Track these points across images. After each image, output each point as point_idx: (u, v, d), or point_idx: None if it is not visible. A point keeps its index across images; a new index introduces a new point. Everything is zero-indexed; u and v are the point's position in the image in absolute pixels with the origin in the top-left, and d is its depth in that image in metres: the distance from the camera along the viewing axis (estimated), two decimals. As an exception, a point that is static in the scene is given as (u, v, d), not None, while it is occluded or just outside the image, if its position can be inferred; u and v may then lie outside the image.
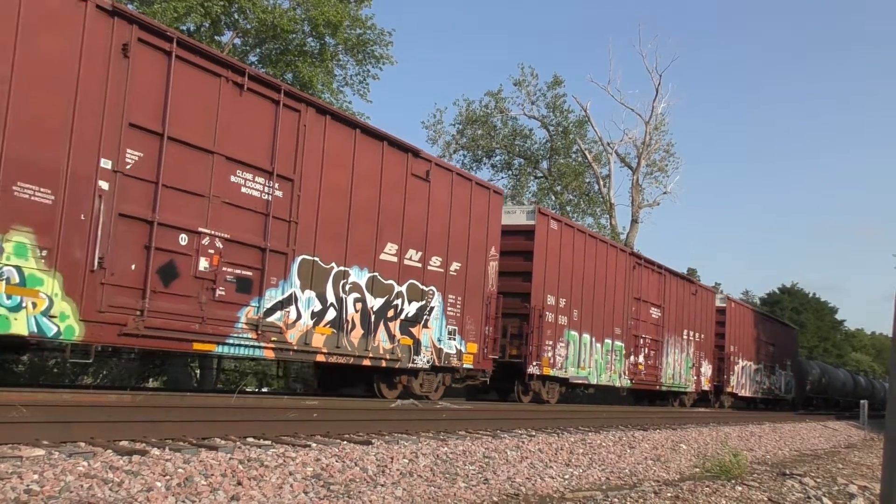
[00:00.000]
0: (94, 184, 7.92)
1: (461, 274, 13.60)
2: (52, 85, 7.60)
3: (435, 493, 6.29)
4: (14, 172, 7.24)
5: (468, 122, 35.01)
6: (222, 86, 9.30)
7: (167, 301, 8.65)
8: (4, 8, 7.04)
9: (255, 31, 19.75)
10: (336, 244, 10.96)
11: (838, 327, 72.71)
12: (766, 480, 8.94)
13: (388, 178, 11.86)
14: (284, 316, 10.09)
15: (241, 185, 9.56)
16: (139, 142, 8.39)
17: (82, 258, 7.83)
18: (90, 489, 4.61)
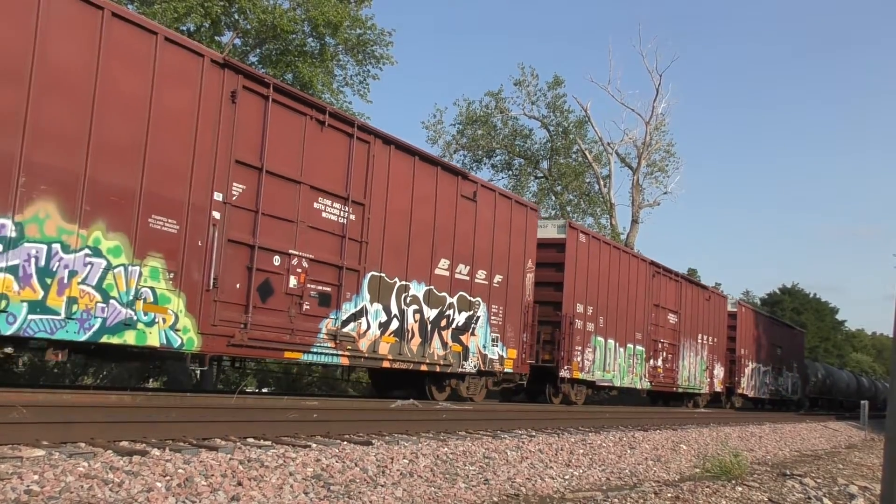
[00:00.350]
0: (208, 214, 9.22)
1: (503, 286, 14.91)
2: (176, 130, 8.86)
3: (435, 493, 6.29)
4: (149, 207, 8.55)
5: (468, 122, 35.01)
6: (307, 123, 10.59)
7: (264, 315, 9.88)
8: (142, 69, 8.52)
9: (255, 31, 19.74)
10: (398, 261, 12.23)
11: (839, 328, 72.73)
12: (767, 481, 8.94)
13: (442, 199, 13.19)
14: (357, 327, 11.38)
15: (322, 211, 10.87)
16: (243, 176, 9.68)
17: (200, 279, 9.08)
18: (90, 489, 4.61)
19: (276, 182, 10.08)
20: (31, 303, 7.45)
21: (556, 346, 16.68)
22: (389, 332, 12.04)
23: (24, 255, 7.50)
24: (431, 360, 12.97)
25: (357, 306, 11.37)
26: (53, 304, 7.65)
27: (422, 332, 12.76)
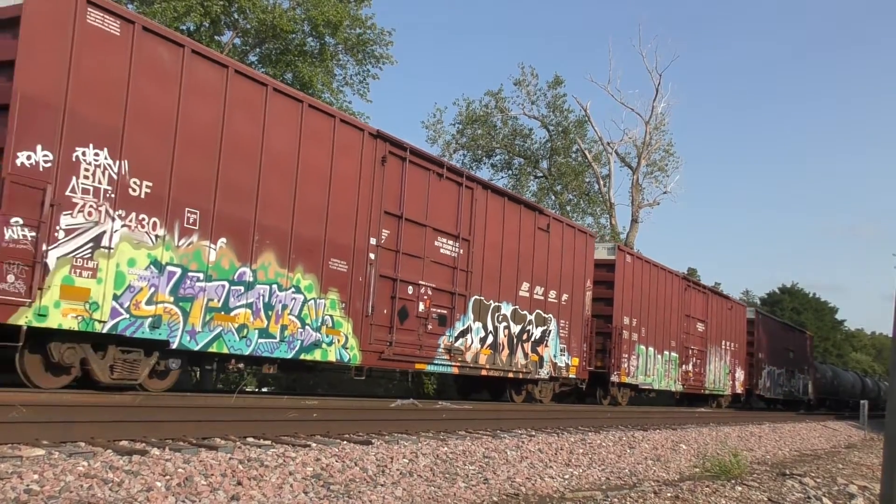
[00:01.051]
0: (366, 255, 11.64)
1: (569, 303, 17.36)
2: (346, 190, 11.29)
3: (435, 493, 6.29)
4: (330, 252, 10.96)
5: (468, 122, 34.98)
6: (430, 176, 13.08)
7: (402, 334, 12.35)
8: (325, 146, 10.91)
9: (254, 30, 19.73)
10: (493, 286, 14.69)
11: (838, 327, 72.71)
12: (766, 480, 8.94)
13: (524, 232, 15.62)
14: (464, 342, 13.82)
15: (440, 248, 13.36)
16: (388, 223, 12.12)
17: (361, 307, 11.51)
18: (90, 489, 4.61)
19: (410, 226, 12.53)
20: (260, 330, 9.93)
21: (608, 354, 19.11)
22: (486, 346, 14.51)
23: (256, 294, 9.91)
24: (516, 368, 15.38)
25: (464, 325, 13.88)
26: (273, 330, 10.13)
27: (509, 344, 15.19)
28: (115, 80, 8.37)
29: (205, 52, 9.51)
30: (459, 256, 13.67)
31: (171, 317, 8.90)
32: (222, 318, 9.47)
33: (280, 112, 10.21)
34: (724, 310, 27.45)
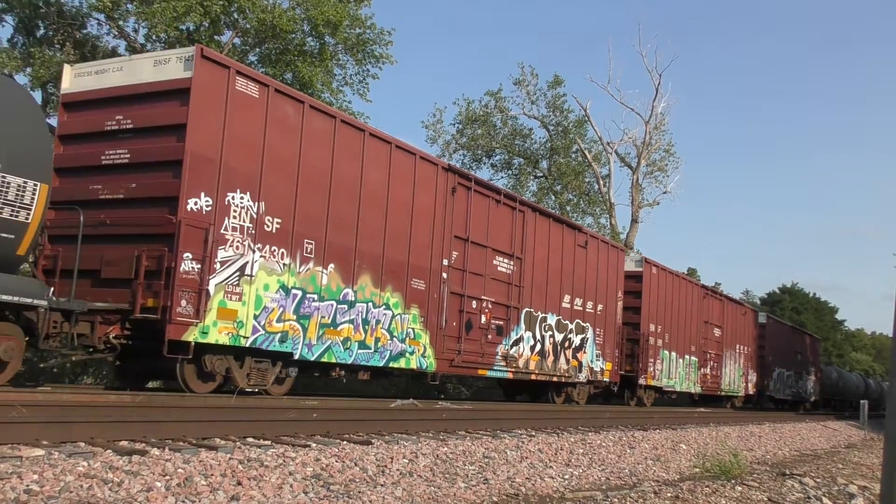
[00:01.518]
0: (440, 275, 13.41)
1: (603, 313, 19.15)
2: (424, 218, 13.07)
3: (435, 493, 6.28)
4: (412, 273, 12.73)
5: (468, 122, 34.96)
6: (490, 203, 14.92)
7: (468, 344, 14.10)
8: (408, 181, 12.63)
9: (254, 30, 19.71)
10: (540, 298, 16.43)
11: (838, 327, 72.71)
12: (766, 480, 8.94)
13: (566, 249, 17.41)
14: (518, 350, 15.54)
15: (498, 266, 15.12)
16: (457, 246, 13.93)
17: (436, 321, 13.26)
18: (90, 489, 4.61)
19: (474, 248, 14.32)
20: (359, 342, 11.62)
21: (636, 359, 20.90)
22: (535, 353, 16.22)
23: (357, 311, 11.59)
24: (560, 373, 17.21)
25: (518, 334, 15.56)
26: (368, 341, 11.80)
27: (554, 351, 16.92)
28: (255, 134, 10.09)
29: (319, 105, 11.39)
30: (513, 273, 15.54)
31: (294, 332, 10.67)
32: (331, 332, 11.26)
33: (374, 153, 11.99)
34: (738, 315, 29.25)
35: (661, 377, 22.06)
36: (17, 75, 19.42)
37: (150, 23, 17.40)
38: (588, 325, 18.31)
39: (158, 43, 19.82)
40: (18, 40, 20.20)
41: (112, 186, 9.75)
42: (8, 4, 19.36)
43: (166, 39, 19.11)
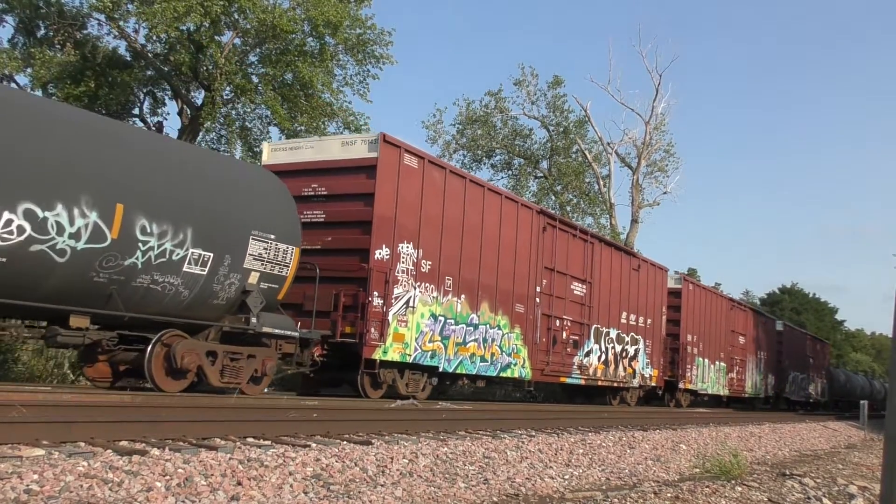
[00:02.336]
0: (534, 299, 16.30)
1: (650, 326, 22.07)
2: (523, 254, 15.92)
3: (435, 493, 6.28)
4: (515, 299, 15.62)
5: (468, 122, 34.94)
6: (568, 237, 17.85)
7: (553, 356, 16.96)
8: (512, 224, 15.53)
9: (254, 30, 19.71)
10: (605, 315, 19.32)
11: (838, 327, 72.72)
12: (766, 481, 8.94)
13: (623, 272, 20.46)
14: (588, 360, 18.49)
15: (574, 290, 18.02)
16: (546, 275, 16.76)
17: (531, 337, 16.13)
18: (90, 489, 4.61)
19: (557, 276, 17.20)
20: (480, 357, 14.59)
21: (676, 366, 23.96)
22: (601, 362, 19.14)
23: (479, 332, 14.55)
24: (619, 379, 20.21)
25: (588, 347, 18.51)
26: (486, 356, 14.73)
27: (615, 361, 19.83)
28: (415, 196, 12.90)
29: (456, 170, 14.60)
30: (585, 295, 18.45)
31: (439, 350, 13.55)
32: (462, 349, 14.12)
33: (490, 203, 14.93)
34: (759, 324, 32.64)
35: (697, 381, 25.33)
36: (17, 75, 19.44)
37: (150, 23, 17.41)
38: (640, 338, 21.34)
39: (159, 43, 19.83)
40: (19, 40, 20.23)
41: (310, 239, 12.23)
42: (8, 4, 19.38)
43: (166, 39, 19.12)
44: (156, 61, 20.19)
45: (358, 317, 11.94)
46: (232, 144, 21.98)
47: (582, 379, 18.25)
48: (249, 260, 10.14)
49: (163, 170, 9.26)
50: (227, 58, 19.44)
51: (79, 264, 8.28)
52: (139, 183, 8.84)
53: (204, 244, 9.48)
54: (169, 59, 19.81)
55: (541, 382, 17.70)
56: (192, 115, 20.96)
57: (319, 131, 20.89)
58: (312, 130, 20.75)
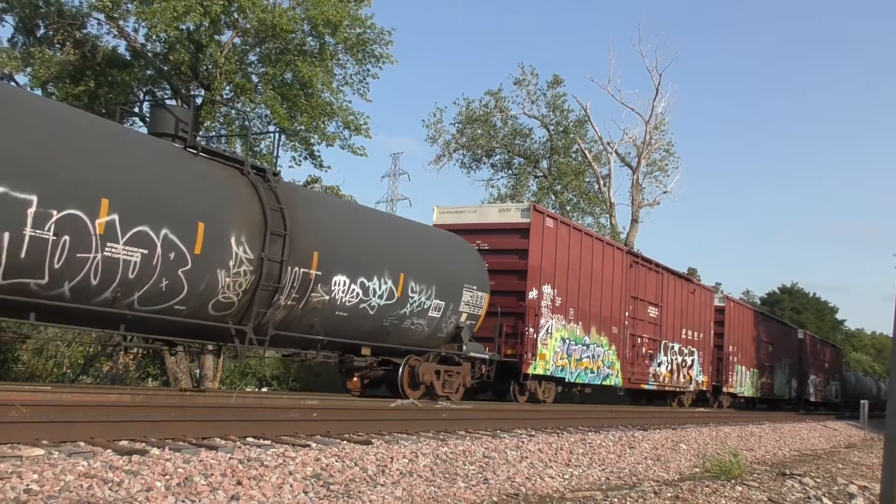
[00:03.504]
0: (624, 322, 20.00)
1: (702, 339, 26.05)
2: (615, 285, 19.63)
3: (435, 492, 6.28)
4: (611, 322, 19.31)
5: (468, 122, 34.90)
6: (646, 270, 21.79)
7: (636, 367, 20.89)
8: (610, 262, 19.12)
9: (254, 30, 19.68)
10: (670, 332, 23.30)
11: (838, 327, 72.65)
12: (766, 480, 8.94)
13: (683, 296, 24.37)
14: (659, 370, 22.46)
15: (649, 312, 21.95)
16: (631, 302, 20.53)
17: (622, 353, 19.98)
18: (90, 489, 4.61)
19: (639, 302, 21.16)
20: (590, 369, 18.33)
21: (720, 373, 27.85)
22: (668, 371, 23.12)
23: (590, 350, 18.38)
24: (680, 385, 24.27)
25: (659, 359, 22.53)
26: (594, 369, 18.55)
27: (677, 370, 23.89)
28: (551, 249, 16.77)
29: (574, 225, 19.10)
30: (657, 316, 22.39)
31: (566, 365, 17.49)
32: (580, 364, 18.08)
33: (595, 248, 18.85)
34: (784, 333, 37.00)
35: (736, 385, 29.46)
36: (17, 75, 19.42)
37: (149, 22, 17.38)
38: (694, 350, 25.25)
39: (158, 42, 19.81)
40: (18, 40, 20.19)
41: None
42: (8, 4, 19.35)
43: (166, 39, 19.10)
44: (155, 61, 20.17)
45: (517, 342, 15.85)
46: (232, 144, 21.97)
47: (655, 385, 22.37)
48: (462, 305, 14.39)
49: (423, 246, 13.99)
50: (227, 57, 19.42)
51: (379, 315, 12.46)
52: (413, 258, 13.28)
53: (440, 296, 13.73)
54: (169, 58, 19.78)
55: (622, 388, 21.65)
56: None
57: (319, 131, 20.88)
58: (312, 130, 20.73)
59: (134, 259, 8.72)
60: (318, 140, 21.36)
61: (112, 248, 8.50)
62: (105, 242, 8.45)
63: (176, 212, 9.23)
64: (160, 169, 9.40)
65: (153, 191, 9.06)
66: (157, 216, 8.97)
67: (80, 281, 8.29)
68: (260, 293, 10.18)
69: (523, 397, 16.68)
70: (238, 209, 10.09)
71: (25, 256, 7.70)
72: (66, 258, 8.07)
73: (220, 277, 9.69)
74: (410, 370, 13.48)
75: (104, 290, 8.57)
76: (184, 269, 9.25)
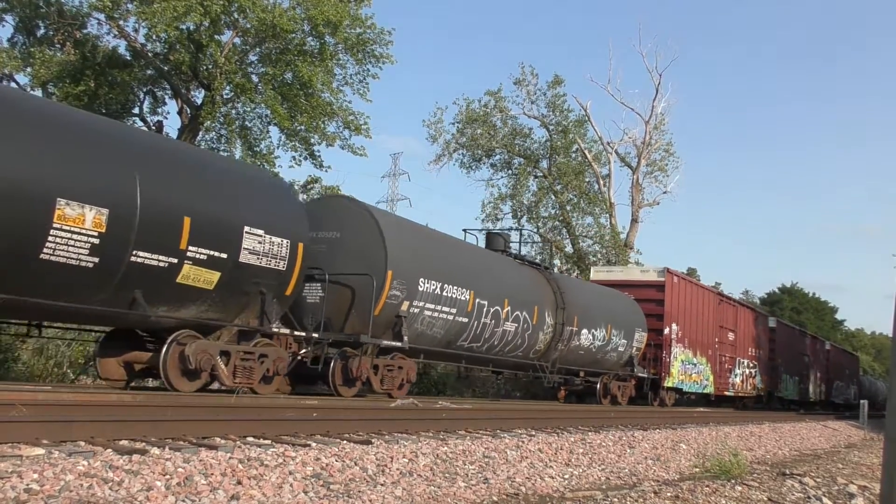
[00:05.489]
0: (716, 346, 26.21)
1: (761, 354, 31.97)
2: (713, 320, 26.29)
3: (435, 492, 6.29)
4: (707, 347, 25.63)
5: (468, 122, 34.86)
6: (728, 305, 28.64)
7: (721, 379, 26.82)
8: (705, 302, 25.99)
9: (254, 30, 19.69)
10: (741, 350, 29.19)
11: (838, 327, 72.65)
12: (766, 480, 8.94)
13: (749, 321, 30.82)
14: (735, 380, 28.44)
15: (729, 336, 28.00)
16: (717, 331, 26.65)
17: (714, 369, 26.38)
18: (90, 488, 4.61)
19: (722, 330, 26.97)
20: (696, 382, 24.84)
21: (772, 380, 33.91)
22: (740, 381, 29.04)
23: (697, 368, 24.73)
24: (747, 391, 30.18)
25: (735, 372, 28.47)
26: (699, 381, 24.92)
27: (745, 380, 29.80)
28: (676, 298, 22.87)
29: (688, 279, 25.21)
30: (733, 339, 28.34)
31: (684, 380, 23.55)
32: (689, 378, 24.01)
33: (700, 294, 25.33)
34: (816, 345, 43.01)
35: (783, 390, 35.40)
36: (17, 75, 19.42)
37: (150, 22, 17.38)
38: (755, 363, 31.06)
39: (158, 42, 19.81)
40: (18, 40, 20.20)
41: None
42: (8, 4, 19.36)
43: (166, 39, 19.10)
44: (156, 61, 20.17)
45: (658, 364, 22.17)
46: (232, 144, 21.97)
47: (732, 392, 28.35)
48: (634, 341, 20.86)
49: (618, 305, 20.85)
50: (227, 57, 19.43)
51: (596, 351, 19.18)
52: (615, 314, 20.08)
53: (625, 337, 20.35)
54: (169, 58, 19.79)
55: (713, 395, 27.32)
56: (191, 114, 20.95)
57: (319, 131, 20.88)
58: (312, 130, 20.73)
59: (511, 329, 15.63)
60: (318, 140, 21.37)
61: (505, 324, 15.39)
62: (504, 322, 15.31)
63: (526, 300, 16.19)
64: (518, 277, 16.63)
65: (520, 291, 16.15)
66: (522, 304, 15.94)
67: (491, 341, 15.25)
68: (553, 342, 17.33)
69: (656, 402, 22.59)
70: (545, 295, 17.16)
71: (478, 332, 14.69)
72: (490, 331, 15.02)
73: (539, 336, 16.78)
74: (604, 385, 20.08)
75: (498, 345, 15.56)
76: (527, 332, 16.24)
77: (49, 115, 8.54)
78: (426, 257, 13.30)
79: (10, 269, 7.74)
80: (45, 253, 7.79)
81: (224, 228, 9.71)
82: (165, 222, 8.92)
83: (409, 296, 12.55)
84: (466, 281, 13.93)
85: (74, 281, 8.22)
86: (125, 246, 8.49)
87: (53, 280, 8.04)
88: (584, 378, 19.61)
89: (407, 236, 13.17)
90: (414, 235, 13.64)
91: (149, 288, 8.94)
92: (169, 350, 9.48)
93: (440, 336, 13.76)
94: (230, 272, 9.76)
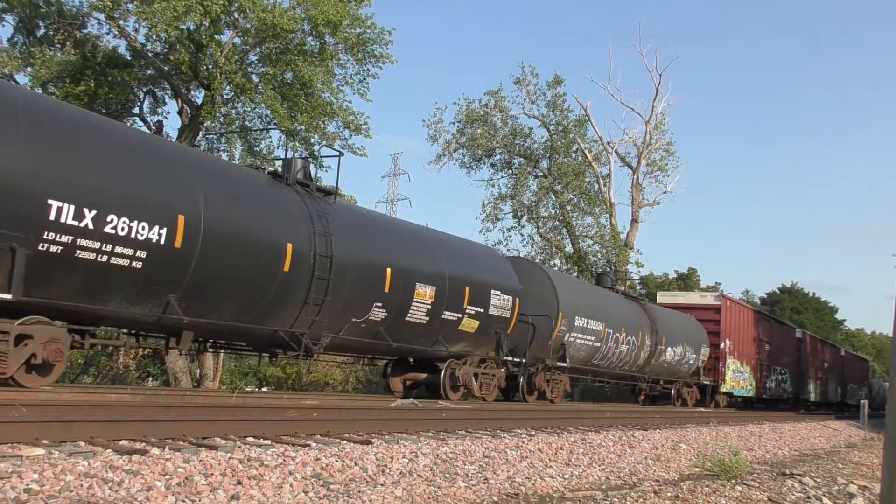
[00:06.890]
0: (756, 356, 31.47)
1: (791, 362, 36.12)
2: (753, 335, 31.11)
3: (435, 492, 6.28)
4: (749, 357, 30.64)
5: (468, 121, 34.84)
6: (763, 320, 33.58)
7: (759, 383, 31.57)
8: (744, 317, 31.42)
9: (254, 30, 19.69)
10: (776, 359, 33.94)
11: (838, 327, 72.59)
12: (766, 480, 8.94)
13: (780, 333, 35.53)
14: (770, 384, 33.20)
15: (766, 347, 32.51)
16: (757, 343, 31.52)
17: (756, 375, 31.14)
18: (90, 488, 4.61)
19: (760, 342, 31.53)
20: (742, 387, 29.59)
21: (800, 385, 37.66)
22: (775, 385, 33.44)
23: (742, 375, 29.58)
24: (779, 395, 33.98)
25: (770, 377, 32.77)
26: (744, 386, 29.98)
27: (778, 384, 33.82)
28: (729, 317, 28.49)
29: (738, 302, 32.10)
30: (770, 350, 32.52)
31: (735, 385, 28.53)
32: (739, 384, 28.86)
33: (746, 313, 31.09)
34: (833, 352, 47.24)
35: (808, 393, 39.25)
36: (17, 75, 19.42)
37: (150, 22, 17.37)
38: (787, 369, 35.40)
39: (159, 42, 19.81)
40: (18, 40, 20.20)
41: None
42: (8, 4, 19.36)
43: (166, 39, 19.10)
44: (156, 60, 20.17)
45: (716, 373, 26.77)
46: (232, 144, 21.97)
47: (768, 395, 32.44)
48: (701, 354, 25.56)
49: (690, 326, 25.61)
50: (227, 57, 19.42)
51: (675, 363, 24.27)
52: (688, 334, 25.15)
53: (695, 352, 24.99)
54: (169, 58, 19.78)
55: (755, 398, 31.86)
56: (191, 114, 20.95)
57: (319, 131, 20.88)
58: (312, 130, 20.73)
59: (625, 349, 20.56)
60: (318, 140, 21.37)
61: (621, 346, 20.29)
62: (621, 344, 20.24)
63: (634, 327, 21.07)
64: (628, 309, 21.72)
65: (630, 320, 21.14)
66: (632, 330, 20.85)
67: (611, 359, 20.23)
68: (649, 358, 22.21)
69: (712, 404, 26.88)
70: (644, 321, 21.99)
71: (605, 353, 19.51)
72: (613, 351, 19.86)
73: (641, 354, 21.74)
74: (678, 391, 25.16)
75: (615, 362, 20.57)
76: (634, 351, 21.19)
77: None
78: (579, 301, 18.54)
79: (392, 325, 12.67)
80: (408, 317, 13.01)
81: (483, 292, 14.63)
82: (458, 289, 13.95)
83: (570, 328, 17.65)
84: (601, 315, 19.22)
85: (418, 335, 13.38)
86: (440, 309, 13.49)
87: (407, 333, 13.20)
88: (663, 385, 24.75)
89: (567, 286, 18.64)
90: (571, 285, 19.69)
91: (445, 334, 13.86)
92: (446, 373, 14.17)
93: (582, 356, 18.91)
94: (484, 320, 14.67)
